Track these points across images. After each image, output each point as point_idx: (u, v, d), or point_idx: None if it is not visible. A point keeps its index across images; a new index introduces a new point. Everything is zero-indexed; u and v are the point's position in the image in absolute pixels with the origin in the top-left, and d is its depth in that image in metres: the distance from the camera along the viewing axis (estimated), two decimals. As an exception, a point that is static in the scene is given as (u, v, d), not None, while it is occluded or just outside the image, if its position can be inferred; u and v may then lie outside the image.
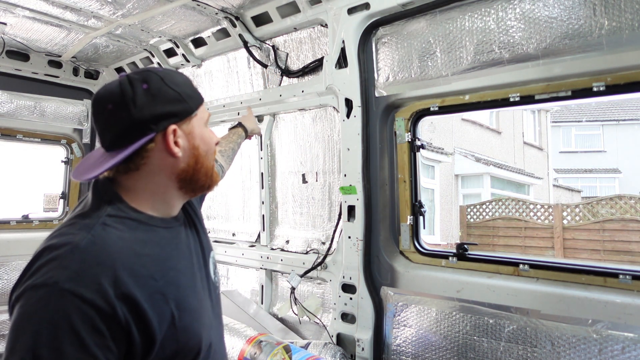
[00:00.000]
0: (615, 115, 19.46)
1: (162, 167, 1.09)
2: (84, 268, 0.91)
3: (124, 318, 0.91)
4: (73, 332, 0.86)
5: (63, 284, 0.88)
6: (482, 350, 2.00)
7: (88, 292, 0.88)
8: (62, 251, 0.93)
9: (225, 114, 3.32)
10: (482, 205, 11.97)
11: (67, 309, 0.87)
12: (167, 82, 1.09)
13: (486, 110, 4.84)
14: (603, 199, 10.33)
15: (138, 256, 1.00)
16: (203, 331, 1.12)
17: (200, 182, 1.16)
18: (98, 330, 0.88)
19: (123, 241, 0.99)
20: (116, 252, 0.96)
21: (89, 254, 0.93)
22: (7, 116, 3.72)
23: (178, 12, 2.83)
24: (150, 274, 1.00)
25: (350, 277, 2.47)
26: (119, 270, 0.94)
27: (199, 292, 1.16)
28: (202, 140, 1.14)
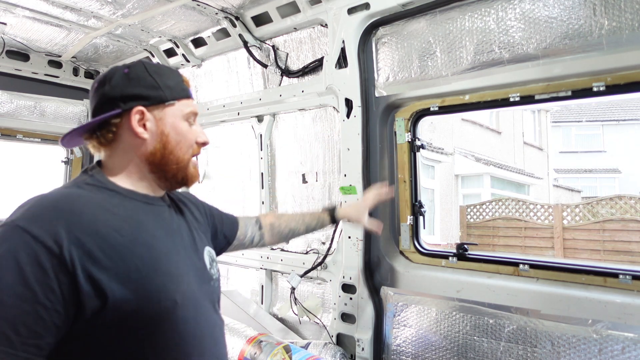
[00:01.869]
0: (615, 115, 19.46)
1: (130, 146, 1.17)
2: (42, 212, 0.97)
3: (71, 261, 0.93)
4: (16, 264, 0.91)
5: (18, 222, 0.95)
6: (482, 350, 2.00)
7: (38, 231, 0.93)
8: (30, 200, 1.01)
9: (225, 114, 3.32)
10: (482, 205, 11.97)
11: (15, 242, 0.92)
12: (150, 71, 1.18)
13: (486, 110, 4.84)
14: (603, 199, 10.32)
15: (104, 211, 1.04)
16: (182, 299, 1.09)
17: (171, 171, 1.21)
18: (41, 267, 0.91)
19: (90, 200, 1.06)
20: (79, 204, 1.02)
21: (51, 202, 1.00)
22: (7, 116, 3.72)
23: (178, 12, 2.83)
24: (114, 228, 1.02)
25: (350, 277, 2.47)
26: (76, 217, 0.98)
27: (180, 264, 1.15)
28: (173, 129, 1.19)
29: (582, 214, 10.36)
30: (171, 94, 1.19)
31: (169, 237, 1.18)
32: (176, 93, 1.20)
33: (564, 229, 10.44)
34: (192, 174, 1.28)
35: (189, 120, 1.23)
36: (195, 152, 1.26)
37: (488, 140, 15.26)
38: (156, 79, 1.17)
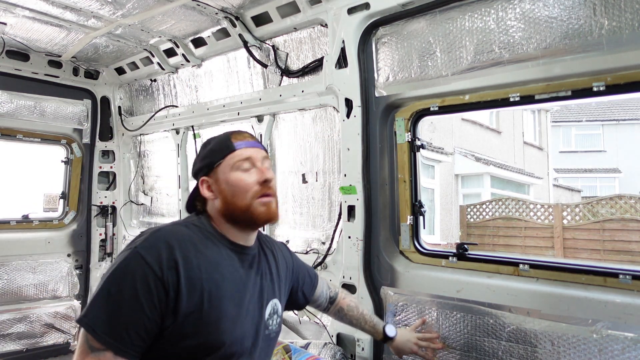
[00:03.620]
0: (615, 115, 19.47)
1: (211, 207, 1.47)
2: (155, 243, 1.27)
3: (168, 283, 1.22)
4: (133, 281, 1.20)
5: (139, 249, 1.25)
6: (483, 350, 2.00)
7: (150, 258, 1.23)
8: (152, 232, 1.32)
9: (225, 114, 3.32)
10: (482, 205, 11.97)
11: (134, 265, 1.22)
12: (205, 145, 1.51)
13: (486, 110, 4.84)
14: (603, 199, 10.32)
15: (195, 250, 1.31)
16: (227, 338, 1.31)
17: (238, 217, 1.42)
18: (148, 286, 1.20)
19: (189, 237, 1.34)
20: (180, 239, 1.31)
21: (162, 235, 1.30)
22: (7, 116, 3.72)
23: (178, 12, 2.83)
24: (197, 265, 1.29)
25: (350, 277, 2.47)
26: (176, 250, 1.26)
27: (240, 309, 1.37)
28: (226, 183, 1.42)
29: (582, 214, 10.36)
30: (216, 156, 1.45)
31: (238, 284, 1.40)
32: (221, 153, 1.45)
33: (564, 229, 10.44)
34: (261, 212, 1.42)
35: (241, 168, 1.42)
36: (258, 192, 1.42)
37: (488, 140, 15.26)
38: (206, 149, 1.50)
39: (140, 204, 4.35)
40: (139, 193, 4.38)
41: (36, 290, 3.93)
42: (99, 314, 1.19)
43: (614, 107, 19.63)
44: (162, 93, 3.95)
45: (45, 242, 3.98)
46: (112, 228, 4.34)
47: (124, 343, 1.17)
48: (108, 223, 4.32)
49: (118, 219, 4.35)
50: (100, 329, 1.17)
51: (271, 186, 1.44)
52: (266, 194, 1.42)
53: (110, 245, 4.32)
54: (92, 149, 4.23)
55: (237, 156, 1.43)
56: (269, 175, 1.44)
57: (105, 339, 1.17)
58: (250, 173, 1.42)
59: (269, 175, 1.44)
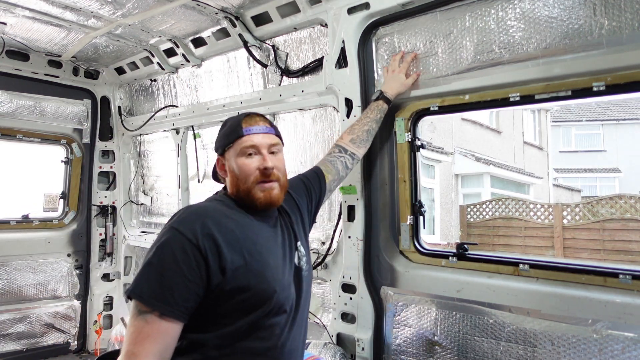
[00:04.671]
0: (615, 115, 19.47)
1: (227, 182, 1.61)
2: (188, 217, 1.40)
3: (204, 249, 1.33)
4: (172, 251, 1.33)
5: (174, 224, 1.39)
6: (482, 350, 2.00)
7: (184, 229, 1.36)
8: (185, 209, 1.47)
9: (225, 114, 3.31)
10: (482, 205, 11.96)
11: (171, 237, 1.35)
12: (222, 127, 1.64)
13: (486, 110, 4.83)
14: (603, 199, 10.32)
15: (226, 217, 1.46)
16: (277, 286, 1.45)
17: (244, 198, 1.54)
18: (186, 252, 1.32)
19: (218, 208, 1.50)
20: (210, 211, 1.46)
21: (194, 210, 1.45)
22: (7, 116, 3.73)
23: (178, 12, 2.83)
24: (231, 227, 1.43)
25: (350, 277, 2.47)
26: (207, 220, 1.39)
27: (276, 259, 1.51)
28: (235, 166, 1.54)
29: (582, 214, 10.35)
30: (229, 139, 1.56)
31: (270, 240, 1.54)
32: (232, 137, 1.56)
33: (564, 229, 10.43)
34: (259, 197, 1.52)
35: (246, 154, 1.53)
36: (258, 178, 1.52)
37: (488, 139, 15.26)
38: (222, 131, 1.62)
39: (140, 203, 4.35)
40: (139, 193, 4.38)
41: (36, 290, 3.93)
42: (143, 282, 1.31)
43: (614, 107, 19.63)
44: (162, 93, 3.95)
45: (45, 242, 3.98)
46: (112, 228, 4.34)
47: (169, 304, 1.28)
48: (108, 223, 4.33)
49: (118, 219, 4.35)
50: (146, 294, 1.29)
51: (272, 173, 1.53)
52: (266, 180, 1.52)
53: (110, 245, 4.32)
54: (92, 149, 4.23)
55: (244, 142, 1.53)
56: (269, 163, 1.52)
57: (151, 302, 1.28)
58: (253, 159, 1.53)
59: (269, 162, 1.52)
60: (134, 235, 4.26)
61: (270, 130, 1.59)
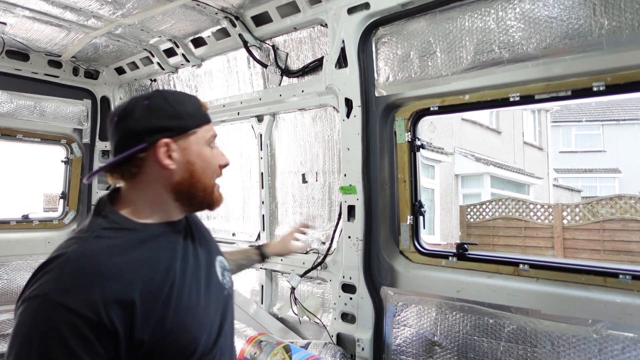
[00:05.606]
0: (615, 115, 19.46)
1: (156, 178, 1.17)
2: (73, 279, 0.97)
3: (111, 324, 0.96)
4: (61, 340, 0.92)
5: (53, 295, 0.94)
6: (482, 350, 2.00)
7: (74, 303, 0.94)
8: (55, 264, 1.00)
9: (225, 114, 3.32)
10: (482, 205, 11.96)
11: (55, 319, 0.93)
12: (170, 100, 1.19)
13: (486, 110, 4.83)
14: (603, 199, 10.32)
15: (128, 261, 1.04)
16: (200, 331, 1.14)
17: (198, 198, 1.22)
18: (85, 337, 0.94)
19: (112, 249, 1.05)
20: (104, 261, 1.01)
21: (78, 265, 0.99)
22: (7, 116, 3.72)
23: (178, 12, 2.83)
24: (140, 277, 1.04)
25: (350, 277, 2.47)
26: (105, 279, 0.98)
27: (198, 294, 1.17)
28: (199, 157, 1.20)
29: (582, 214, 10.35)
30: (193, 121, 1.20)
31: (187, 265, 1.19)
32: (197, 120, 1.22)
33: (564, 229, 10.44)
34: (218, 198, 1.28)
35: (210, 145, 1.25)
36: (219, 175, 1.28)
37: (488, 140, 15.26)
38: (177, 108, 1.19)
39: (140, 204, 4.34)
40: (139, 193, 4.38)
41: (36, 290, 3.93)
42: None
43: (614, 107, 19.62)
44: (162, 93, 3.94)
45: (45, 242, 3.97)
46: (112, 228, 4.33)
47: None
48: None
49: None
50: None
51: None
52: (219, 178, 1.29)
53: (110, 245, 4.31)
54: (92, 148, 4.23)
55: (211, 130, 1.26)
56: (229, 160, 1.31)
57: None
58: (214, 153, 1.26)
59: (228, 159, 1.31)
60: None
61: None
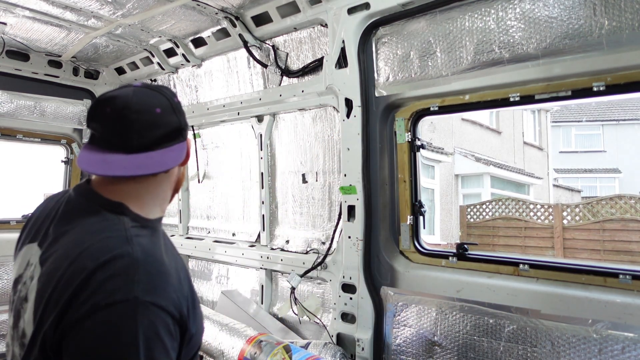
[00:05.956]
0: (615, 115, 19.46)
1: (173, 174, 1.22)
2: (152, 279, 0.97)
3: (184, 319, 1.02)
4: (160, 340, 0.94)
5: (143, 297, 0.93)
6: (482, 350, 2.00)
7: (164, 301, 0.96)
8: (121, 267, 0.96)
9: (225, 114, 3.32)
10: (482, 205, 11.96)
11: (153, 319, 0.93)
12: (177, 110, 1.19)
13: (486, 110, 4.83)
14: (603, 199, 10.32)
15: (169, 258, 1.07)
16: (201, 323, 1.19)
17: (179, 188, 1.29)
18: (172, 334, 0.97)
19: (156, 246, 1.07)
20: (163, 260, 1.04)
21: (148, 265, 0.99)
22: (7, 116, 3.72)
23: (178, 12, 2.83)
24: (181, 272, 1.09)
25: (350, 277, 2.47)
26: (171, 277, 1.02)
27: None
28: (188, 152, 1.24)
29: (582, 214, 10.35)
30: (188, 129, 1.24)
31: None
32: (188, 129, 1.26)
33: (564, 229, 10.43)
34: None
35: None
36: None
37: (488, 140, 15.26)
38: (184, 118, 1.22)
39: (140, 204, 4.35)
40: (139, 193, 4.38)
41: (36, 290, 3.92)
42: None
43: (614, 107, 19.62)
44: (162, 93, 3.95)
45: (45, 242, 3.97)
46: (112, 228, 4.34)
47: None
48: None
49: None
50: None
51: None
52: None
53: (110, 245, 4.31)
54: (93, 149, 4.23)
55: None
56: None
57: None
58: None
59: None
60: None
61: None
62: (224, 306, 3.09)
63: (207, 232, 3.69)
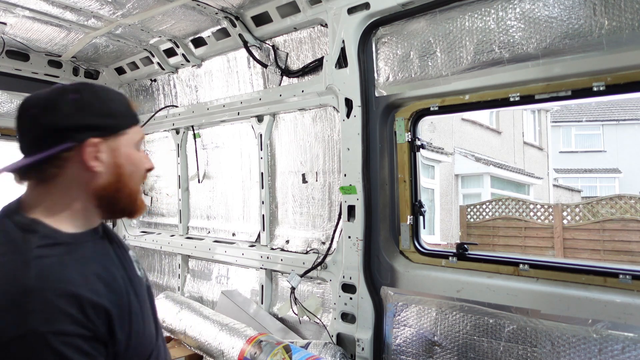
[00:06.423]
0: (615, 115, 19.45)
1: (78, 181, 1.06)
2: (51, 305, 0.90)
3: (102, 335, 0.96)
4: None
5: (41, 327, 0.87)
6: (482, 350, 2.00)
7: (68, 326, 0.90)
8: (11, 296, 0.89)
9: (225, 114, 3.32)
10: (482, 205, 11.96)
11: (56, 347, 0.88)
12: (101, 96, 1.09)
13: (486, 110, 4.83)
14: (603, 199, 10.31)
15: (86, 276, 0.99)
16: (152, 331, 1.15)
17: (121, 204, 1.13)
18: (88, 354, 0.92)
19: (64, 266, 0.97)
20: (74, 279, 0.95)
21: (45, 290, 0.91)
22: (7, 116, 3.72)
23: (178, 12, 2.83)
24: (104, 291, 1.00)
25: (350, 277, 2.47)
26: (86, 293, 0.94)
27: (141, 297, 1.15)
28: (128, 160, 1.11)
29: (582, 214, 10.35)
30: (125, 121, 1.11)
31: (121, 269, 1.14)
32: (129, 120, 1.13)
33: (564, 229, 10.43)
34: (140, 205, 1.18)
35: (138, 148, 1.16)
36: (143, 180, 1.19)
37: (488, 140, 15.25)
38: (109, 105, 1.09)
39: (140, 204, 4.34)
40: (139, 193, 4.37)
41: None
42: None
43: (614, 107, 19.62)
44: (162, 93, 3.95)
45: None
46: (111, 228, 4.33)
47: None
48: (108, 223, 4.31)
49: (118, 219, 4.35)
50: None
51: None
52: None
53: (110, 245, 4.31)
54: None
55: (140, 132, 1.16)
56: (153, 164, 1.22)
57: None
58: (141, 156, 1.17)
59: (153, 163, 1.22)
60: (134, 235, 4.26)
61: None
62: (224, 306, 3.09)
63: (207, 232, 3.69)
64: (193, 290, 3.73)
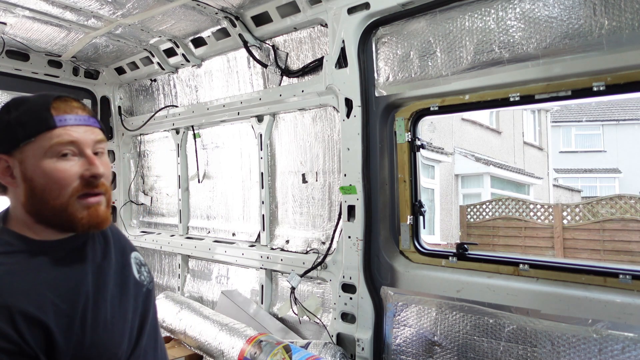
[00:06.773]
0: (615, 115, 19.46)
1: (13, 196, 1.06)
2: None
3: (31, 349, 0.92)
4: None
5: None
6: (482, 350, 2.00)
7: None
8: None
9: (225, 114, 3.32)
10: (482, 205, 11.96)
11: None
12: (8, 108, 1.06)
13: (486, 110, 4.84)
14: (603, 199, 10.32)
15: (34, 286, 0.96)
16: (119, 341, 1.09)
17: (51, 220, 1.05)
18: None
19: (12, 276, 0.95)
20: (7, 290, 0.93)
21: None
22: (7, 116, 3.71)
23: (178, 12, 2.83)
24: (51, 300, 0.97)
25: (350, 277, 2.47)
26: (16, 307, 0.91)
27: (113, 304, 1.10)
28: (36, 172, 1.01)
29: (582, 214, 10.35)
30: (26, 129, 1.01)
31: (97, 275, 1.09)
32: (33, 127, 1.01)
33: (564, 229, 10.43)
34: (83, 217, 1.05)
35: (60, 154, 1.02)
36: (79, 190, 1.04)
37: (488, 140, 15.25)
38: (9, 116, 1.03)
39: (140, 203, 4.35)
40: (139, 193, 4.38)
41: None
42: None
43: (614, 107, 19.62)
44: (162, 93, 3.95)
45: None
46: (112, 228, 4.33)
47: None
48: (110, 223, 4.31)
49: (118, 219, 4.35)
50: None
51: (100, 182, 1.06)
52: (90, 193, 1.05)
53: (110, 245, 4.31)
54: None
55: (57, 137, 1.02)
56: (99, 169, 1.05)
57: None
58: (71, 162, 1.03)
59: (99, 169, 1.05)
60: (134, 235, 4.25)
61: (94, 122, 1.10)
62: (224, 306, 3.09)
63: (207, 232, 3.69)
64: (193, 290, 3.73)
